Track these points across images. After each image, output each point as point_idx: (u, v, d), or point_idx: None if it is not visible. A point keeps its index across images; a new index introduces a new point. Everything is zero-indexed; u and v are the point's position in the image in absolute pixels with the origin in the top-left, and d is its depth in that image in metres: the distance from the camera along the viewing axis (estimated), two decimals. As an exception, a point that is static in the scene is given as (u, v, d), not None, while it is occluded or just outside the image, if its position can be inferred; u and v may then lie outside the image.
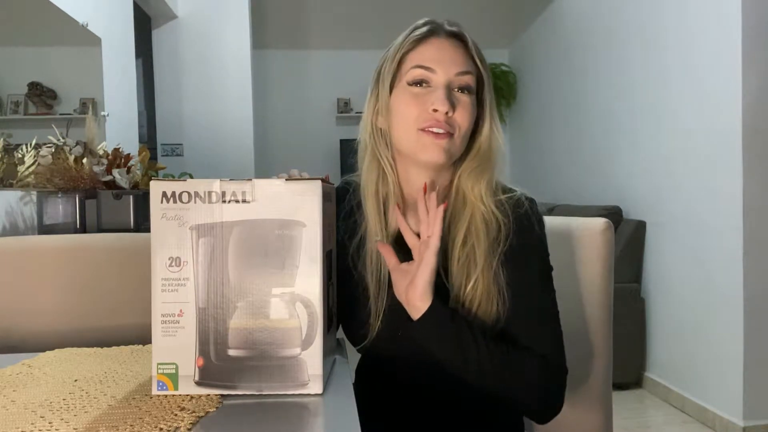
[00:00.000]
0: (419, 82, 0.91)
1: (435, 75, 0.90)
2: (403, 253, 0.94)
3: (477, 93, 0.94)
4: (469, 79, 0.91)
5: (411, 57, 0.92)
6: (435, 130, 0.88)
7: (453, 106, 0.89)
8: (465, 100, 0.91)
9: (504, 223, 0.90)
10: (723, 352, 2.50)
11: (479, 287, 0.88)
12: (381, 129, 0.95)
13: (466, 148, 0.95)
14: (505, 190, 0.95)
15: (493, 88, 0.96)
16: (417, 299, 0.84)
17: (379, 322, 0.92)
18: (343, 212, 1.00)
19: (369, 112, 0.96)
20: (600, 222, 1.10)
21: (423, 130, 0.89)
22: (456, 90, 0.91)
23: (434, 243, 0.84)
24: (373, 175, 0.96)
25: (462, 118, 0.90)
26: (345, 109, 5.34)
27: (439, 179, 0.96)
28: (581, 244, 1.09)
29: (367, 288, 0.94)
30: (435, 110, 0.88)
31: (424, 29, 0.92)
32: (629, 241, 3.05)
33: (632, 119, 3.23)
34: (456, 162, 0.95)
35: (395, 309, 0.92)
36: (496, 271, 0.89)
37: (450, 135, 0.89)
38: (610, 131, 3.48)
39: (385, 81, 0.93)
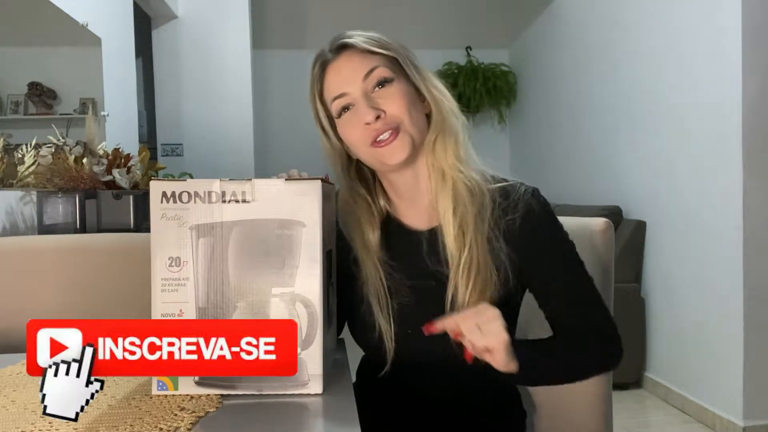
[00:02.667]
0: (345, 109, 0.92)
1: (349, 96, 0.91)
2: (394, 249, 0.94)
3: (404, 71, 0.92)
4: (379, 73, 0.90)
5: (325, 94, 0.94)
6: (380, 138, 0.89)
7: (378, 108, 0.89)
8: (388, 91, 0.90)
9: (488, 190, 0.91)
10: (723, 352, 2.50)
11: (474, 254, 0.88)
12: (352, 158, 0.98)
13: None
14: (498, 180, 0.96)
15: (412, 59, 0.93)
16: (503, 367, 0.82)
17: (391, 333, 0.92)
18: None
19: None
20: (600, 222, 1.10)
21: (372, 145, 0.90)
22: (376, 89, 0.90)
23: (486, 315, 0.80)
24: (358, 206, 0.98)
25: (395, 108, 0.89)
26: (345, 109, 5.33)
27: (417, 166, 0.95)
28: (581, 244, 1.09)
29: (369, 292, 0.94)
30: (367, 124, 0.89)
31: (317, 67, 0.94)
32: (629, 241, 3.05)
33: (632, 119, 3.23)
34: (420, 144, 0.94)
35: (402, 311, 0.92)
36: (490, 240, 0.89)
37: (397, 130, 0.89)
38: (610, 131, 3.48)
39: (324, 126, 0.96)
